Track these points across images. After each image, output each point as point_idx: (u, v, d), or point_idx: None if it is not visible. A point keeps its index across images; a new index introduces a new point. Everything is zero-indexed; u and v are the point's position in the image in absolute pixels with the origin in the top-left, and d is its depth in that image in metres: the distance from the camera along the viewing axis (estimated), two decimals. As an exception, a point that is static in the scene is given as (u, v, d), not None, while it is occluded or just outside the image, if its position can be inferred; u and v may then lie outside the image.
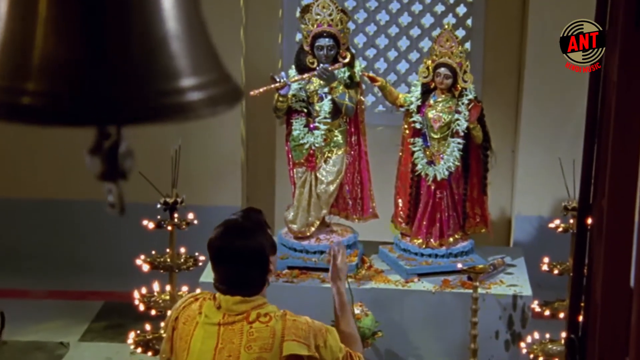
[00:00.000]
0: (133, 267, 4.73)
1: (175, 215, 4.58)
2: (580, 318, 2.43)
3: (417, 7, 6.54)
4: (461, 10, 6.48)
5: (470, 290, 4.68)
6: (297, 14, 6.28)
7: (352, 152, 5.33)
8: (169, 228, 4.62)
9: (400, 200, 5.44)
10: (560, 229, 4.92)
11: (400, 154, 5.46)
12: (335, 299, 2.76)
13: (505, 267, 5.38)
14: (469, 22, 6.45)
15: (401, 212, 5.43)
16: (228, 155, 6.33)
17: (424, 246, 5.27)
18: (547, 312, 4.88)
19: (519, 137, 6.26)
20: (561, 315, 4.71)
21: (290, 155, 5.30)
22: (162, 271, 4.63)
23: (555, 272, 4.90)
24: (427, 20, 6.50)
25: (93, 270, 6.22)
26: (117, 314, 5.75)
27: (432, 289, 5.04)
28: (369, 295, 4.79)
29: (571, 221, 4.91)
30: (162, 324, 4.22)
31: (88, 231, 6.30)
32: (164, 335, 2.63)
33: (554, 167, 4.97)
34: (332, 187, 5.24)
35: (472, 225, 5.38)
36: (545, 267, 4.95)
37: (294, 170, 5.30)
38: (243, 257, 2.43)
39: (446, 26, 5.29)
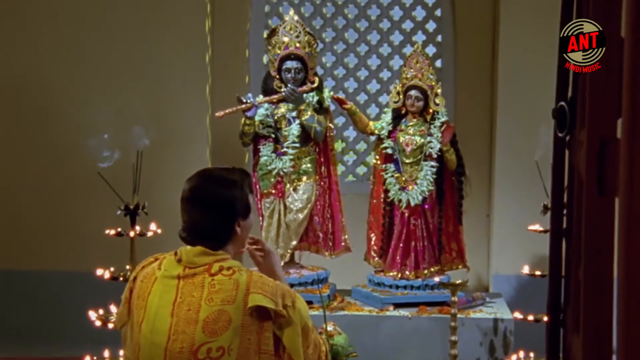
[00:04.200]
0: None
1: (137, 227, 4.75)
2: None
3: (385, 25, 6.78)
4: (430, 26, 6.73)
5: (448, 316, 4.82)
6: (265, 35, 6.37)
7: (322, 183, 5.51)
8: (131, 234, 4.75)
9: (373, 235, 5.59)
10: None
11: (372, 186, 5.65)
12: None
13: (484, 301, 5.52)
14: (439, 38, 6.68)
15: (374, 247, 5.58)
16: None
17: (398, 277, 5.43)
18: (530, 317, 4.84)
19: (493, 194, 6.27)
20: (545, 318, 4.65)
21: (257, 187, 5.46)
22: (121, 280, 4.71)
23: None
24: (397, 38, 6.74)
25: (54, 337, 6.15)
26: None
27: (408, 314, 5.22)
28: (343, 320, 4.96)
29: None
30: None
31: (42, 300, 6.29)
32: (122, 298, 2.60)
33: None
34: (301, 216, 5.39)
35: (448, 261, 5.54)
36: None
37: (262, 201, 5.47)
38: (208, 203, 2.39)
39: (415, 47, 5.53)
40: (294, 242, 5.36)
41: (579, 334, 1.54)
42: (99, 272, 4.69)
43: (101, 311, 4.70)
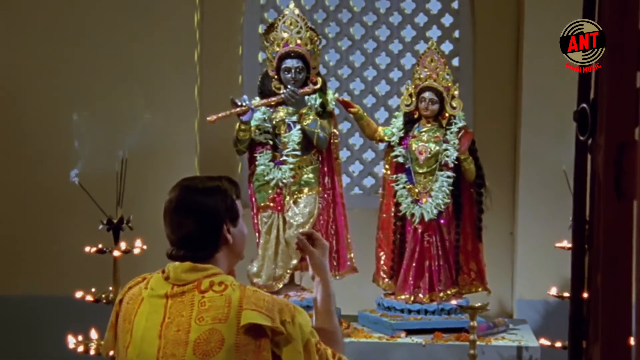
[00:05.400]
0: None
1: (122, 244, 4.90)
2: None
3: (396, 19, 6.91)
4: (447, 20, 6.85)
5: (467, 343, 4.96)
6: (260, 31, 6.51)
7: (326, 196, 5.67)
8: (115, 254, 4.88)
9: (382, 253, 5.75)
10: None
11: (381, 199, 5.80)
12: (317, 290, 2.77)
13: (507, 327, 5.70)
14: (456, 33, 6.81)
15: (384, 266, 5.74)
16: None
17: (411, 301, 5.57)
18: (558, 344, 5.04)
19: (517, 208, 6.41)
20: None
21: (253, 199, 5.64)
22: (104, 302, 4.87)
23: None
24: (409, 33, 6.88)
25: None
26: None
27: (422, 341, 5.35)
28: (349, 348, 5.04)
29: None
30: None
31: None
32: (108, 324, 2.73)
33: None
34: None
35: (466, 283, 5.70)
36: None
37: (259, 215, 5.63)
38: (191, 212, 2.54)
39: (430, 43, 5.70)
40: (295, 262, 5.47)
41: (597, 344, 1.73)
42: (79, 294, 4.86)
43: (80, 337, 4.86)
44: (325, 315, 2.73)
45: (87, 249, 4.94)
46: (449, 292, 5.54)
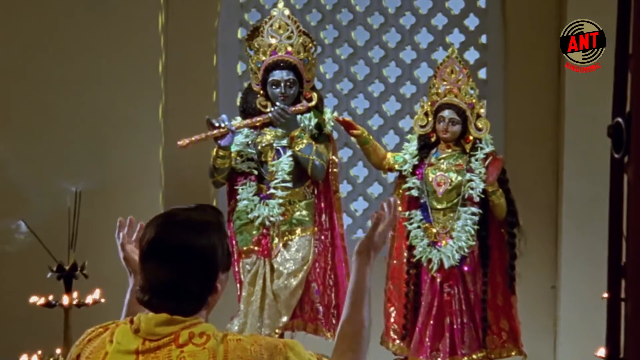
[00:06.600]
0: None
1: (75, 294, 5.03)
2: None
3: (408, 21, 6.98)
4: (471, 22, 6.95)
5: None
6: (240, 36, 6.73)
7: (323, 238, 5.78)
8: (65, 302, 5.01)
9: (392, 309, 5.88)
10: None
11: (391, 242, 5.90)
12: (352, 279, 3.02)
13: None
14: (482, 38, 6.93)
15: (394, 325, 5.85)
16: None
17: (428, 368, 5.69)
18: None
19: (560, 254, 6.59)
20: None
21: (234, 242, 5.72)
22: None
23: None
24: (424, 39, 7.00)
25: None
26: None
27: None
28: None
29: None
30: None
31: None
32: None
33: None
34: (294, 282, 5.63)
35: (497, 346, 5.82)
36: None
37: (240, 262, 5.71)
38: (180, 255, 2.61)
39: (450, 51, 5.81)
40: (285, 319, 5.58)
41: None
42: (23, 358, 4.96)
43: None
44: (352, 309, 2.95)
45: (33, 300, 5.03)
46: (474, 356, 5.64)
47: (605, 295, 5.51)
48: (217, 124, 5.49)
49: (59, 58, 6.58)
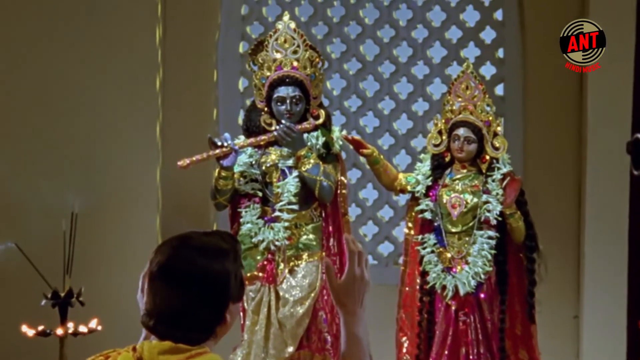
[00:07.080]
0: None
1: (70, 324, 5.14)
2: None
3: (420, 34, 7.14)
4: (487, 35, 7.10)
5: None
6: (242, 50, 6.89)
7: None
8: (60, 332, 5.14)
9: (404, 339, 6.03)
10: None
11: (403, 267, 6.07)
12: (342, 330, 2.95)
13: None
14: (499, 52, 7.10)
15: (407, 355, 5.99)
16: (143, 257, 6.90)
17: (443, 403, 5.82)
18: None
19: (583, 281, 6.76)
20: None
21: None
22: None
23: None
24: (437, 53, 7.17)
25: None
26: None
27: None
28: None
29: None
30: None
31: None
32: None
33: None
34: (301, 310, 5.76)
35: None
36: None
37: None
38: (191, 282, 2.66)
39: (465, 66, 5.95)
40: (291, 349, 5.70)
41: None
42: None
43: None
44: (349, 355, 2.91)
45: (25, 329, 5.16)
46: (492, 390, 5.70)
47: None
48: (219, 143, 5.62)
49: (53, 75, 6.73)
